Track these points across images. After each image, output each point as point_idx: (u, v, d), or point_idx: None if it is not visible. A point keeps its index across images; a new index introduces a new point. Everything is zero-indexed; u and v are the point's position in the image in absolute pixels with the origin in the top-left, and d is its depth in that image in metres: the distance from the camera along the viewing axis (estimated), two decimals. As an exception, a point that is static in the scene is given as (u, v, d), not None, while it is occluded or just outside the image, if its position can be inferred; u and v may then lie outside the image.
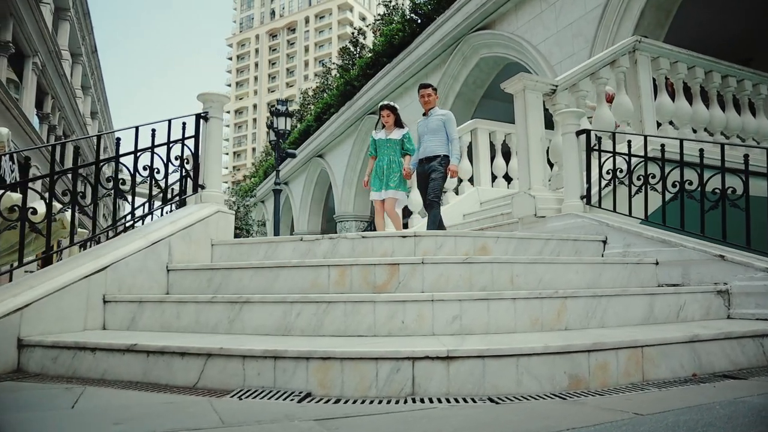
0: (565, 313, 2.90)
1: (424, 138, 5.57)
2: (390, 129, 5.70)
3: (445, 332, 2.76)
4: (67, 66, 18.21)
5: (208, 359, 2.47)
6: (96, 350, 2.71)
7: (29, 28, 13.60)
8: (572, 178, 4.73)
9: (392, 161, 5.66)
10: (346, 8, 75.34)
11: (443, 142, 5.48)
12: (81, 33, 20.61)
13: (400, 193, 5.60)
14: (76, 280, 3.21)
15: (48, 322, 3.02)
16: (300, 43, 76.95)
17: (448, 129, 5.48)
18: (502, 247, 3.89)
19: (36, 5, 13.53)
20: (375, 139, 5.84)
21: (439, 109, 5.67)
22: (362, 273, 3.30)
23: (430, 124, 5.58)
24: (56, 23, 17.86)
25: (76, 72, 20.76)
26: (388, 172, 5.60)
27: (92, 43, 22.57)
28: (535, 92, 5.09)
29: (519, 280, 3.36)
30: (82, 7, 20.40)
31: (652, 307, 3.14)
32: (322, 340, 2.70)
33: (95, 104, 24.53)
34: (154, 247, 3.74)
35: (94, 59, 23.41)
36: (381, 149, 5.73)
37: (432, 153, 5.46)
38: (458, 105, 13.67)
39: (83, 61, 21.37)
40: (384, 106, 5.77)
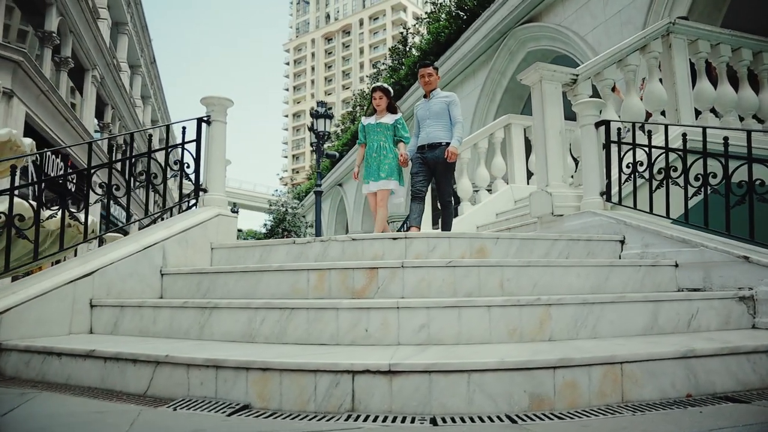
0: (549, 322, 2.62)
1: (426, 123, 5.02)
2: (381, 113, 5.19)
3: (411, 342, 2.56)
4: (126, 77, 19.13)
5: (157, 367, 2.40)
6: (62, 355, 2.70)
7: (87, 43, 14.37)
8: (591, 173, 4.37)
9: (382, 147, 5.11)
10: (399, 9, 75.38)
11: (447, 127, 4.94)
12: (139, 45, 21.63)
13: (392, 182, 5.05)
14: (61, 284, 3.24)
15: (29, 326, 3.07)
16: (355, 46, 77.66)
17: (453, 112, 4.95)
18: (502, 249, 3.62)
19: (93, 21, 14.28)
20: (364, 124, 5.30)
21: (441, 91, 5.18)
22: (341, 277, 3.15)
23: (432, 107, 5.03)
24: (115, 37, 18.81)
25: (135, 82, 21.80)
26: (378, 159, 5.08)
27: (151, 54, 23.64)
28: (553, 83, 4.75)
29: (510, 284, 3.10)
30: (140, 21, 21.41)
31: (655, 315, 2.79)
32: (281, 348, 2.58)
33: (155, 113, 25.68)
34: (147, 252, 3.75)
35: (153, 69, 24.51)
36: (370, 135, 5.19)
37: (435, 139, 4.91)
38: (506, 101, 13.27)
39: (142, 72, 22.41)
40: (376, 88, 5.27)
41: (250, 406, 2.17)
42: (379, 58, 64.33)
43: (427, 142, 4.99)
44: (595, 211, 4.20)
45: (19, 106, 10.21)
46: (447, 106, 4.99)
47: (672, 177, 3.71)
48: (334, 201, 29.20)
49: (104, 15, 16.24)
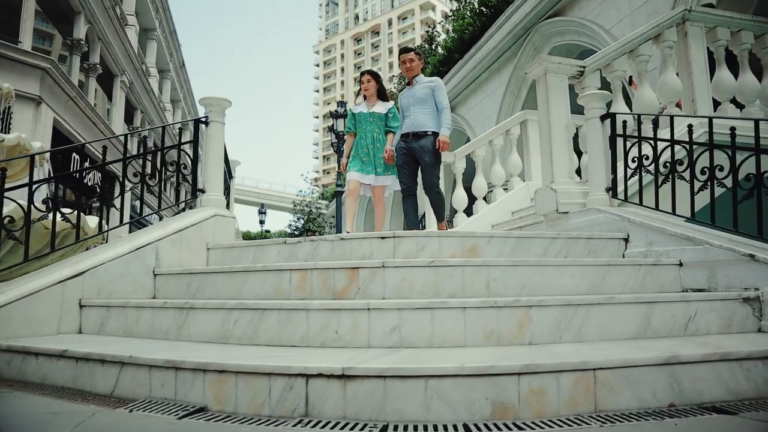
0: (529, 324, 2.49)
1: (410, 110, 4.73)
2: (372, 100, 4.92)
3: (382, 344, 2.47)
4: (155, 82, 19.60)
5: (122, 368, 2.37)
6: (39, 355, 2.71)
7: (116, 49, 14.76)
8: (597, 168, 4.18)
9: (377, 140, 4.82)
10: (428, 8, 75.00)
11: (432, 114, 4.66)
12: (168, 50, 22.12)
13: (389, 178, 4.81)
14: (50, 285, 3.27)
15: (16, 326, 3.09)
16: (384, 46, 77.62)
17: (438, 97, 4.68)
18: (495, 249, 3.48)
19: (121, 28, 14.66)
20: (354, 113, 5.00)
21: (424, 77, 4.87)
22: (322, 278, 3.08)
23: (416, 94, 4.73)
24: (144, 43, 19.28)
25: (165, 87, 22.31)
26: (374, 152, 4.79)
27: (180, 59, 24.15)
28: (558, 75, 4.58)
29: (497, 285, 2.97)
30: (168, 27, 21.90)
31: (648, 318, 2.62)
32: (251, 350, 2.52)
33: (186, 116, 26.23)
34: (139, 252, 3.76)
35: (182, 74, 25.04)
36: (362, 125, 4.89)
37: (420, 128, 4.63)
38: (531, 98, 12.93)
39: (172, 77, 22.92)
40: (365, 72, 5.06)
41: (207, 408, 2.12)
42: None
43: (411, 130, 4.70)
44: (599, 207, 4.01)
45: (47, 111, 10.53)
46: (431, 91, 4.71)
47: (678, 171, 3.50)
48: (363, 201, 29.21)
49: (132, 21, 16.65)
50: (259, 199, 43.72)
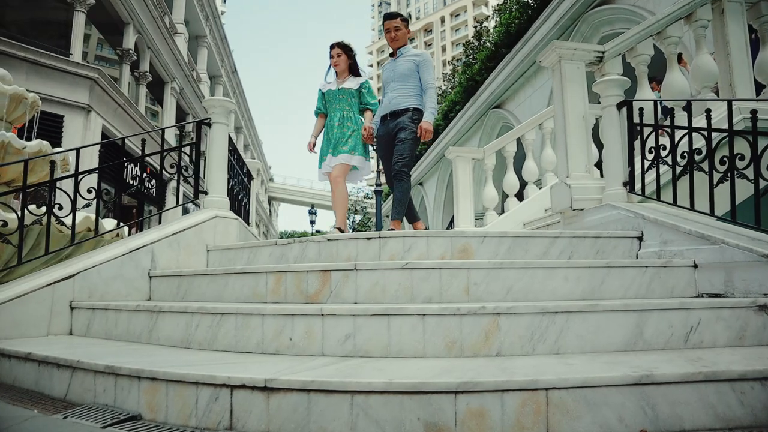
0: (497, 334, 2.25)
1: (389, 86, 4.19)
2: (343, 76, 4.39)
3: (336, 353, 2.30)
4: (206, 87, 20.19)
5: (73, 372, 2.33)
6: (11, 357, 2.72)
7: (165, 57, 15.29)
8: (613, 161, 3.83)
9: (346, 117, 4.28)
10: (480, 3, 73.64)
11: (415, 91, 4.09)
12: (219, 56, 22.75)
13: (355, 158, 4.23)
14: (39, 287, 3.31)
15: (6, 327, 3.14)
16: (437, 44, 76.85)
17: (424, 74, 4.09)
18: (489, 249, 3.24)
19: (170, 37, 15.16)
20: (322, 91, 4.47)
21: (411, 48, 4.29)
22: (295, 281, 2.95)
23: (398, 68, 4.14)
24: (195, 50, 19.90)
25: (217, 92, 22.97)
26: (341, 131, 4.24)
27: (231, 64, 24.79)
28: (574, 62, 4.24)
29: (477, 289, 2.74)
30: (219, 33, 22.51)
31: (640, 328, 2.32)
32: (208, 355, 2.42)
33: (239, 120, 26.90)
34: (133, 255, 3.77)
35: (234, 78, 25.69)
36: (331, 103, 4.34)
37: (399, 106, 4.06)
38: (586, 91, 12.44)
39: (223, 82, 23.56)
40: (334, 44, 4.43)
41: (140, 416, 2.03)
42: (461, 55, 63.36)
43: (389, 109, 4.15)
44: (614, 204, 3.67)
45: (96, 119, 11.00)
46: (416, 66, 4.12)
47: (696, 162, 3.13)
48: (416, 200, 29.12)
49: (181, 30, 17.21)
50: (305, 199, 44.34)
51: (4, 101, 5.05)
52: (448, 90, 23.71)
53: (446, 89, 24.15)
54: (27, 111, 5.27)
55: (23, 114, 5.25)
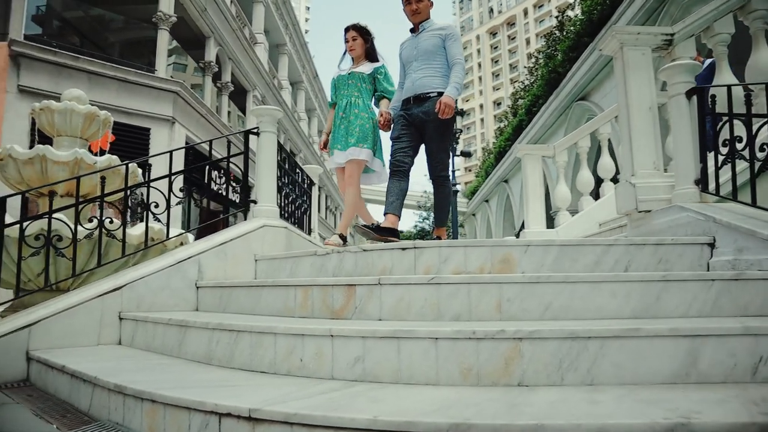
0: (518, 361, 2.01)
1: (412, 66, 3.70)
2: (359, 61, 4.01)
3: (346, 376, 2.16)
4: (287, 93, 20.77)
5: (94, 388, 2.37)
6: (53, 369, 2.84)
7: (246, 67, 15.89)
8: (683, 156, 3.40)
9: (353, 104, 3.86)
10: (564, -9, 70.42)
11: (442, 71, 3.60)
12: (300, 63, 23.36)
13: (364, 151, 3.82)
14: (89, 299, 3.45)
15: (56, 337, 3.31)
16: (521, 37, 74.31)
17: (451, 48, 3.61)
18: (533, 260, 2.96)
19: (250, 47, 15.74)
20: (334, 78, 4.10)
21: (435, 22, 3.77)
22: (322, 295, 2.85)
23: (421, 44, 3.65)
24: (275, 58, 20.55)
25: (299, 97, 23.59)
26: (347, 120, 3.84)
27: (312, 69, 25.37)
28: (637, 49, 3.81)
29: (511, 307, 2.49)
30: (298, 40, 23.12)
31: (694, 356, 1.98)
32: (223, 373, 2.37)
33: (323, 124, 27.51)
34: (180, 266, 3.84)
35: (316, 83, 26.28)
36: (340, 89, 3.96)
37: (425, 88, 3.58)
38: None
39: (305, 87, 24.16)
40: (349, 27, 4.02)
41: (142, 440, 2.01)
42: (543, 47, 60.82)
43: (413, 93, 3.66)
44: (682, 205, 3.25)
45: (180, 130, 11.60)
46: (442, 41, 3.62)
47: (777, 156, 2.68)
48: (501, 198, 28.37)
49: (261, 39, 17.81)
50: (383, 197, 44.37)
51: (80, 120, 5.39)
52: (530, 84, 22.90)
53: (528, 84, 23.32)
54: (100, 128, 5.59)
55: (97, 131, 5.58)
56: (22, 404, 2.60)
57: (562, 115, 17.34)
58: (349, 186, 3.97)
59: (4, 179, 5.07)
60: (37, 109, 5.31)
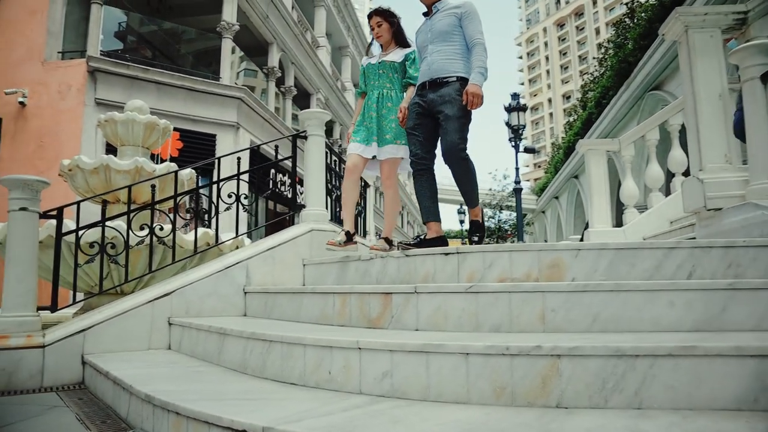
0: (556, 380, 1.83)
1: (427, 50, 3.39)
2: (388, 47, 3.71)
3: (374, 391, 2.06)
4: (351, 95, 20.91)
5: (131, 396, 2.40)
6: (100, 373, 2.93)
7: (309, 70, 16.15)
8: (759, 147, 3.05)
9: (386, 97, 3.57)
10: (635, -24, 66.51)
11: (460, 52, 3.27)
12: (363, 64, 23.48)
13: (402, 147, 3.55)
14: (140, 305, 3.56)
15: (109, 342, 3.42)
16: (590, 27, 70.94)
17: (468, 26, 3.26)
18: (585, 265, 2.73)
19: (312, 51, 15.98)
20: (363, 66, 3.84)
21: (449, 1, 3.44)
22: (359, 303, 2.77)
23: (435, 26, 3.35)
24: (338, 60, 20.75)
25: (363, 99, 23.70)
26: (380, 114, 3.57)
27: (375, 71, 25.42)
28: (705, 31, 3.47)
29: (555, 317, 2.30)
30: (361, 42, 23.22)
31: (763, 379, 1.72)
32: (253, 384, 2.34)
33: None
34: (228, 271, 3.89)
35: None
36: (370, 79, 3.70)
37: (441, 71, 3.27)
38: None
39: (368, 88, 24.27)
40: (371, 13, 3.70)
41: (169, 452, 2.00)
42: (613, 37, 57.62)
43: (428, 77, 3.34)
44: (758, 202, 2.91)
45: (244, 134, 11.92)
46: (458, 19, 3.29)
47: None
48: (571, 194, 27.36)
49: (323, 43, 18.03)
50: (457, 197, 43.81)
51: (140, 130, 5.61)
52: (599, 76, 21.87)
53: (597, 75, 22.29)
54: (160, 137, 5.80)
55: (157, 139, 5.79)
56: (69, 408, 2.69)
57: (634, 107, 16.46)
58: (389, 188, 3.84)
59: (74, 188, 5.36)
60: (102, 121, 5.58)
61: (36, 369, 3.16)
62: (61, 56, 11.03)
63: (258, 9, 13.42)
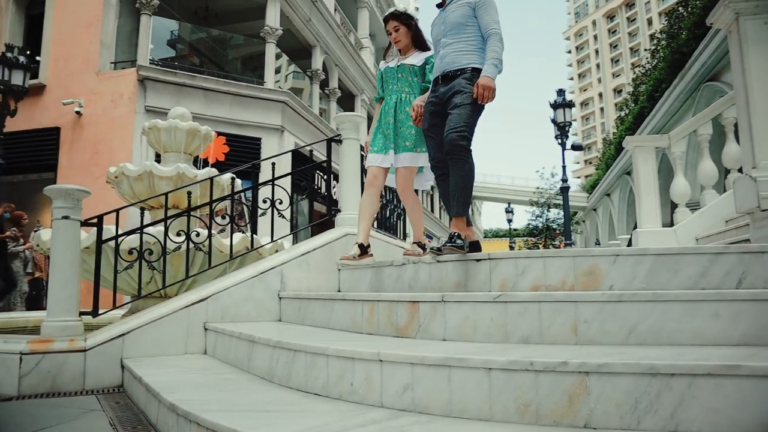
0: (584, 399, 1.72)
1: (440, 42, 3.20)
2: (407, 52, 3.54)
3: (395, 405, 2.00)
4: (394, 96, 20.87)
5: (159, 403, 2.43)
6: (135, 379, 3.00)
7: (353, 72, 16.23)
8: (820, 145, 2.81)
9: (404, 101, 3.41)
10: (690, -38, 63.33)
11: (475, 44, 3.08)
12: (406, 64, 23.40)
13: (422, 155, 3.38)
14: (176, 310, 3.62)
15: (146, 346, 3.50)
16: (641, 17, 67.88)
17: (483, 15, 3.06)
18: (623, 272, 2.57)
19: (356, 52, 16.05)
20: (381, 69, 3.69)
21: None
22: (387, 311, 2.72)
23: (448, 17, 3.16)
24: (381, 61, 20.73)
25: (407, 99, 23.65)
26: (397, 119, 3.42)
27: (418, 70, 25.32)
28: (758, 18, 3.23)
29: (588, 329, 2.18)
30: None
31: (817, 402, 1.57)
32: (278, 393, 2.33)
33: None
34: (262, 277, 3.92)
35: (423, 84, 26.19)
36: (387, 83, 3.55)
37: (454, 65, 3.07)
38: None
39: (412, 88, 24.20)
40: (388, 17, 3.54)
41: (191, 462, 2.01)
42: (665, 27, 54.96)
43: (440, 71, 3.14)
44: (818, 204, 2.68)
45: (289, 137, 12.09)
46: (472, 10, 3.09)
47: None
48: (623, 192, 26.48)
49: (367, 44, 18.09)
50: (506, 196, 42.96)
51: (183, 136, 5.75)
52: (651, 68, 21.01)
53: (649, 68, 21.41)
54: (201, 143, 5.92)
55: (199, 145, 5.92)
56: (105, 412, 2.76)
57: (689, 99, 15.74)
58: (407, 198, 3.71)
59: (121, 195, 5.55)
60: (146, 128, 5.76)
61: (78, 372, 3.26)
62: (114, 66, 11.49)
63: (300, 12, 13.58)
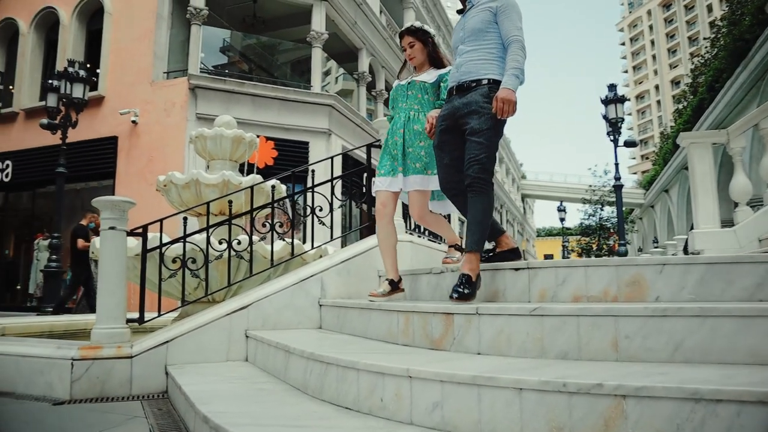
0: (621, 423, 1.62)
1: (458, 50, 2.94)
2: (422, 68, 3.33)
3: (424, 423, 1.95)
4: (441, 96, 20.72)
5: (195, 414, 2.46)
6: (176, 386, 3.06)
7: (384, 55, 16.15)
8: None
9: (413, 119, 3.20)
10: (756, -60, 59.39)
11: (495, 53, 2.81)
12: (453, 63, 23.18)
13: (434, 178, 3.13)
14: (218, 318, 3.69)
15: (189, 353, 3.59)
16: (700, 4, 64.11)
17: (504, 22, 2.79)
18: (671, 283, 2.43)
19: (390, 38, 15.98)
20: (393, 89, 3.48)
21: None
22: (421, 322, 2.67)
23: (468, 24, 2.90)
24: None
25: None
26: (405, 138, 3.20)
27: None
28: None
29: (630, 345, 2.06)
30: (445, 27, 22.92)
31: None
32: (311, 406, 2.33)
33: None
34: (302, 284, 3.95)
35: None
36: (396, 101, 3.34)
37: (470, 75, 2.80)
38: None
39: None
40: (403, 33, 3.35)
41: (221, 475, 2.03)
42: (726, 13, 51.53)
43: (456, 81, 2.88)
44: None
45: (336, 140, 12.20)
46: (493, 15, 2.83)
47: None
48: (682, 188, 25.32)
49: (412, 45, 17.98)
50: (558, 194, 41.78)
51: (228, 144, 5.87)
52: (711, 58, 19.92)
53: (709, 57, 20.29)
54: (246, 150, 6.04)
55: (244, 152, 6.04)
56: (147, 419, 2.84)
57: (753, 89, 14.84)
58: (427, 223, 3.55)
59: (170, 202, 5.72)
60: (193, 137, 5.91)
61: (125, 378, 3.37)
62: (167, 76, 11.91)
63: (346, 16, 13.67)
